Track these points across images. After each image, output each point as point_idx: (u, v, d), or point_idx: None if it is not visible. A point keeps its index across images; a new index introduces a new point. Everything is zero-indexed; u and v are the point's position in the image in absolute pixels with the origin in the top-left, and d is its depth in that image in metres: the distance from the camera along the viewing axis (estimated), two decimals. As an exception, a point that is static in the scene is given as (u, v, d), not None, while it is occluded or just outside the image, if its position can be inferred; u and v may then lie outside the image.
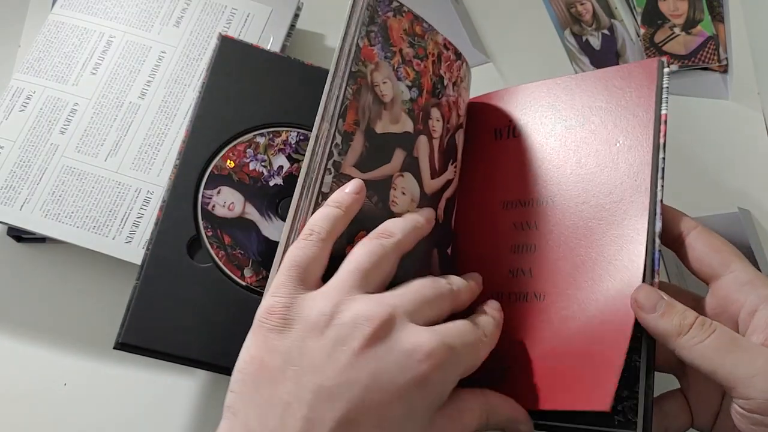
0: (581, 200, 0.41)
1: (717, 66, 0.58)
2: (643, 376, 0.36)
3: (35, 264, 0.50)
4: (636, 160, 0.40)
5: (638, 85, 0.42)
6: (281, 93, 0.49)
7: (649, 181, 0.39)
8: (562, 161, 0.43)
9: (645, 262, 0.37)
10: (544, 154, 0.44)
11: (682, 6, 0.59)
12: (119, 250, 0.46)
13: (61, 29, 0.52)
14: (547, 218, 0.42)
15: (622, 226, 0.39)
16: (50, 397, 0.46)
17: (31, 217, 0.47)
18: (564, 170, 0.42)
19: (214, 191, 0.46)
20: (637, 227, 0.38)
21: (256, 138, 0.48)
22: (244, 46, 0.49)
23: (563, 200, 0.42)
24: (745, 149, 0.55)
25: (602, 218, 0.40)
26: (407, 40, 0.44)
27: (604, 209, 0.40)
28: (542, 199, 0.43)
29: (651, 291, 0.36)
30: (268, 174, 0.47)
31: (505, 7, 0.61)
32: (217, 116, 0.47)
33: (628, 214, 0.39)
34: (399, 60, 0.43)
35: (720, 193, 0.53)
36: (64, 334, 0.48)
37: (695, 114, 0.55)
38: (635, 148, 0.40)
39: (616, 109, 0.42)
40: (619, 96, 0.42)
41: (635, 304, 0.36)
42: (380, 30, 0.43)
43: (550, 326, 0.39)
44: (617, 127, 0.41)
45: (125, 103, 0.50)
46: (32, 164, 0.48)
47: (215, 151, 0.47)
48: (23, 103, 0.50)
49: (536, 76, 0.58)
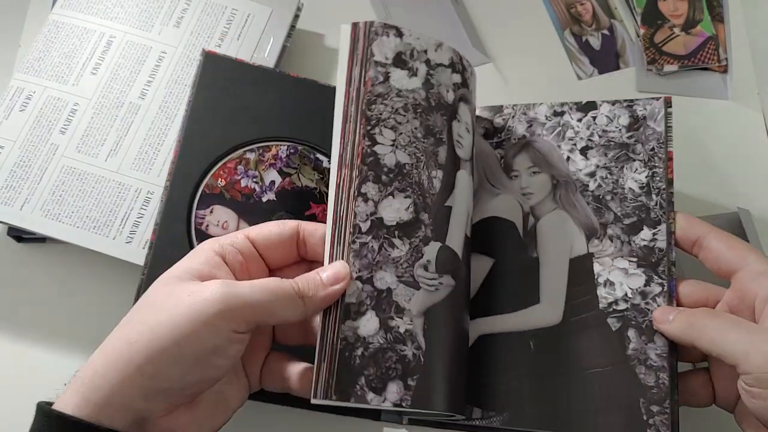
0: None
1: (717, 66, 0.58)
2: (670, 392, 0.40)
3: (35, 264, 0.50)
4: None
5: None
6: (269, 107, 0.48)
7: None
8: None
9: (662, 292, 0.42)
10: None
11: (681, 6, 0.59)
12: (120, 250, 0.46)
13: (61, 29, 0.52)
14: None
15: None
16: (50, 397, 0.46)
17: (31, 217, 0.47)
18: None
19: (206, 211, 0.45)
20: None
21: (246, 154, 0.47)
22: (228, 61, 0.49)
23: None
24: (745, 149, 0.55)
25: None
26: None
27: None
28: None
29: (663, 309, 0.41)
30: (260, 190, 0.47)
31: (505, 7, 0.61)
32: (205, 134, 0.47)
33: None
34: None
35: (720, 193, 0.53)
36: (65, 334, 0.48)
37: (695, 114, 0.55)
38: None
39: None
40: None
41: (655, 321, 0.41)
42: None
43: None
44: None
45: (125, 103, 0.50)
46: (32, 164, 0.48)
47: (205, 169, 0.46)
48: (23, 103, 0.50)
49: (536, 76, 0.58)
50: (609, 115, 0.47)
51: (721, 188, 0.53)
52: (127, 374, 0.33)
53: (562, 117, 0.48)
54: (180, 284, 0.35)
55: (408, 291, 0.39)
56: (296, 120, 0.48)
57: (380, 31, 0.43)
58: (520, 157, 0.48)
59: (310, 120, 0.48)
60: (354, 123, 0.41)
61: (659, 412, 0.40)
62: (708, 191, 0.53)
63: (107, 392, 0.33)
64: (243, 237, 0.38)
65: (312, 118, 0.48)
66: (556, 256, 0.45)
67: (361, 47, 0.42)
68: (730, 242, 0.41)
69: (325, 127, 0.41)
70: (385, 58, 0.42)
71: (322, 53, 0.58)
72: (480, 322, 0.44)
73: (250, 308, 0.34)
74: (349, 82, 0.42)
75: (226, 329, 0.34)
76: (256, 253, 0.39)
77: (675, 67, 0.57)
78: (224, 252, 0.37)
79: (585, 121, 0.47)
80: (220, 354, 0.34)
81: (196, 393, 0.35)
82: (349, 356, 0.37)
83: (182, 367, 0.33)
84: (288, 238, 0.39)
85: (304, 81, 0.50)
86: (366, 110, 0.41)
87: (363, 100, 0.41)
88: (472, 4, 0.61)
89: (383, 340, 0.38)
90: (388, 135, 0.41)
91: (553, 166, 0.47)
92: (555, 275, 0.44)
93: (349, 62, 0.42)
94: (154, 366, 0.33)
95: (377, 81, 0.42)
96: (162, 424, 0.35)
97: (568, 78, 0.58)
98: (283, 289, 0.36)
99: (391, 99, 0.42)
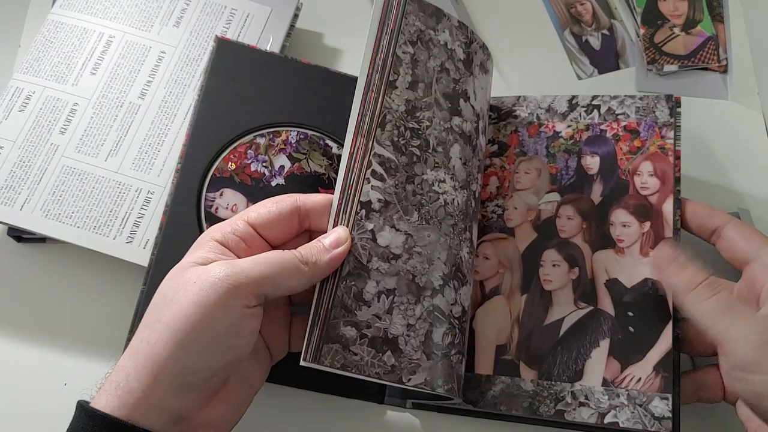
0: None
1: (717, 66, 0.58)
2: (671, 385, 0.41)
3: (35, 264, 0.50)
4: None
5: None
6: (280, 93, 0.49)
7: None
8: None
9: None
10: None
11: (681, 6, 0.59)
12: (120, 250, 0.46)
13: (60, 29, 0.52)
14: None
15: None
16: (50, 396, 0.46)
17: (31, 217, 0.46)
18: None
19: (216, 194, 0.46)
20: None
21: (257, 139, 0.48)
22: (240, 47, 0.49)
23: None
24: (745, 149, 0.55)
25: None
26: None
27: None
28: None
29: (670, 249, 0.41)
30: (269, 174, 0.47)
31: (505, 7, 0.61)
32: (217, 119, 0.47)
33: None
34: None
35: (720, 193, 0.53)
36: (65, 334, 0.48)
37: (695, 114, 0.55)
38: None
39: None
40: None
41: (655, 259, 0.42)
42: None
43: None
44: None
45: (125, 103, 0.50)
46: (32, 164, 0.48)
47: (216, 153, 0.47)
48: (23, 103, 0.49)
49: (536, 76, 0.58)
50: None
51: (721, 188, 0.53)
52: (155, 375, 0.34)
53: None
54: (185, 273, 0.36)
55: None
56: (306, 106, 0.49)
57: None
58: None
59: (321, 106, 0.49)
60: (376, 92, 0.41)
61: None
62: (708, 191, 0.53)
63: (141, 395, 0.33)
64: (243, 222, 0.39)
65: (322, 105, 0.49)
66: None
67: (393, 17, 0.43)
68: (748, 233, 0.42)
69: (335, 114, 0.42)
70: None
71: (321, 53, 0.58)
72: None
73: (255, 281, 0.35)
74: (377, 50, 0.42)
75: (237, 306, 0.35)
76: (258, 235, 0.39)
77: (675, 67, 0.57)
78: (226, 240, 0.38)
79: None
80: (236, 333, 0.35)
81: (222, 380, 0.36)
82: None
83: (204, 355, 0.34)
84: (288, 214, 0.39)
85: (315, 68, 0.50)
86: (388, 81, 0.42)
87: (387, 72, 0.42)
88: (472, 4, 0.61)
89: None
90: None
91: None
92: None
93: (378, 31, 0.42)
94: (178, 361, 0.34)
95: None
96: (198, 418, 0.35)
97: (568, 78, 0.58)
98: (286, 259, 0.36)
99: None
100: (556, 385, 0.42)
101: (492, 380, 0.43)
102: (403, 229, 0.40)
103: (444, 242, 0.41)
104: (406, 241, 0.40)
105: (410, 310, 0.39)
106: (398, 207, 0.40)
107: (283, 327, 0.41)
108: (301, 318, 0.41)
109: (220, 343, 0.34)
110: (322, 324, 0.37)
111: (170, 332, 0.34)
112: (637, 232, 0.45)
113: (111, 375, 0.35)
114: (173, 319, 0.34)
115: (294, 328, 0.41)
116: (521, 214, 0.47)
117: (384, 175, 0.41)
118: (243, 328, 0.35)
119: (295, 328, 0.41)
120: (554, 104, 0.50)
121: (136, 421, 0.33)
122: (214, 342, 0.34)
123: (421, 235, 0.41)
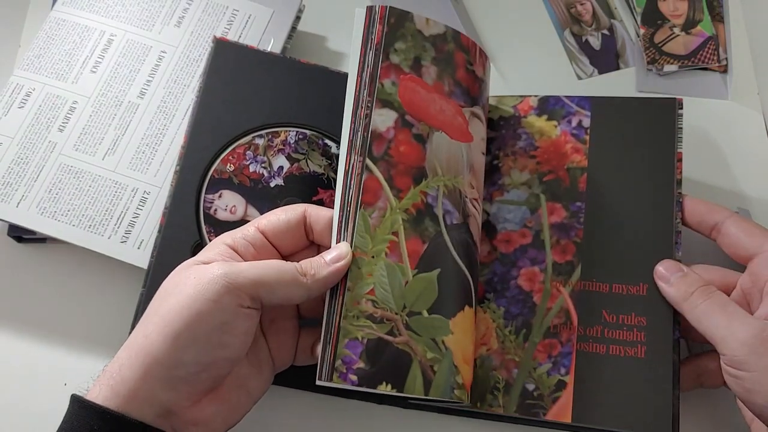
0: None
1: (717, 66, 0.57)
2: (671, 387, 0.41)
3: (36, 264, 0.50)
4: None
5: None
6: (278, 93, 0.49)
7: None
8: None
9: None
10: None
11: (681, 6, 0.59)
12: (114, 249, 0.46)
13: (62, 26, 0.52)
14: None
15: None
16: (50, 397, 0.46)
17: (27, 214, 0.46)
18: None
19: (215, 195, 0.46)
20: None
21: (255, 140, 0.47)
22: (238, 47, 0.49)
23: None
24: (745, 149, 0.55)
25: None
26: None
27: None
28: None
29: (671, 263, 0.43)
30: (268, 175, 0.47)
31: (505, 7, 0.61)
32: (215, 120, 0.47)
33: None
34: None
35: (720, 193, 0.53)
36: (65, 334, 0.48)
37: (695, 114, 0.55)
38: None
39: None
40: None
41: (656, 274, 0.43)
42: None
43: None
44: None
45: (124, 102, 0.50)
46: (30, 161, 0.48)
47: (215, 154, 0.47)
48: (22, 99, 0.50)
49: (536, 76, 0.58)
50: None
51: (721, 188, 0.53)
52: (147, 367, 0.34)
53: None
54: (187, 271, 0.37)
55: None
56: (305, 106, 0.49)
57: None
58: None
59: (319, 106, 0.49)
60: (365, 108, 0.41)
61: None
62: (708, 191, 0.53)
63: (132, 385, 0.34)
64: (254, 229, 0.39)
65: (321, 104, 0.49)
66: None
67: (377, 33, 0.43)
68: (749, 228, 0.42)
69: (333, 113, 0.42)
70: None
71: (323, 55, 0.58)
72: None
73: (251, 283, 0.36)
74: (362, 67, 0.42)
75: (232, 304, 0.35)
76: (268, 243, 0.40)
77: (675, 67, 0.57)
78: (236, 245, 0.39)
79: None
80: (228, 330, 0.35)
81: (213, 378, 0.36)
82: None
83: (196, 350, 0.35)
84: (296, 224, 0.40)
85: (314, 67, 0.50)
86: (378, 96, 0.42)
87: (375, 86, 0.42)
88: (472, 3, 0.61)
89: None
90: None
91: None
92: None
93: (362, 48, 0.43)
94: (169, 354, 0.34)
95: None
96: (187, 415, 0.36)
97: (568, 78, 0.58)
98: (285, 267, 0.37)
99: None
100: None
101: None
102: None
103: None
104: None
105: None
106: None
107: (291, 339, 0.41)
108: (309, 332, 0.42)
109: (211, 337, 0.35)
110: (334, 341, 0.37)
111: (164, 324, 0.35)
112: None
113: (107, 366, 0.36)
114: (169, 311, 0.35)
115: (301, 342, 0.42)
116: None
117: None
118: (235, 326, 0.36)
119: (302, 343, 0.42)
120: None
121: (125, 410, 0.34)
122: (204, 336, 0.35)
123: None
